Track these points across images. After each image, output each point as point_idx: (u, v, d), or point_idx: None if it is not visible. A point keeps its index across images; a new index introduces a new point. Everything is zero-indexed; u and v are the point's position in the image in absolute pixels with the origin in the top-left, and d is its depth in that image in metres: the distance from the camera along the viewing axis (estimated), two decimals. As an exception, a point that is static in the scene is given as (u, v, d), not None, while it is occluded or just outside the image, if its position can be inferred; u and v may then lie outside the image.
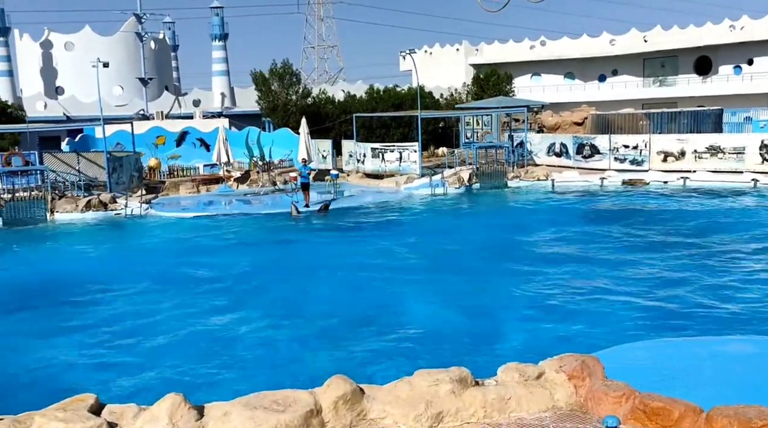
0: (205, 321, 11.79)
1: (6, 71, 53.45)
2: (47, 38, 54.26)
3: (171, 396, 5.35)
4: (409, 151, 29.78)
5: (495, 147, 30.29)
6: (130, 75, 52.99)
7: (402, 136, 38.02)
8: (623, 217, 20.51)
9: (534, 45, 60.49)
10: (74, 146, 32.84)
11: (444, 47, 63.29)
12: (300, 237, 20.19)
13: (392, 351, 10.05)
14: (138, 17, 51.41)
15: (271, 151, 35.09)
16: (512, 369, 6.14)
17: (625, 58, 56.16)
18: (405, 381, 5.84)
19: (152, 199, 26.07)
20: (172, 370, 9.61)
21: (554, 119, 38.51)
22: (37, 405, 5.43)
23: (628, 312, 11.33)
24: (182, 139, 34.97)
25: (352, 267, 15.40)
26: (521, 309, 11.88)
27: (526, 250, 16.66)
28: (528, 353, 8.58)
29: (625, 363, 6.48)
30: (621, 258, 15.26)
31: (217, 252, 17.75)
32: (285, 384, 6.05)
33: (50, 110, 46.45)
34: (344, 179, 30.24)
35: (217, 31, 58.13)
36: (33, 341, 11.09)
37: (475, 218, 22.75)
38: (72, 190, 25.41)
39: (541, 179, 27.82)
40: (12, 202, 23.23)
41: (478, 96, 44.88)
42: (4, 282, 15.50)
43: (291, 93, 40.12)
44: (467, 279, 14.05)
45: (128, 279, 15.02)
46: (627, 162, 28.91)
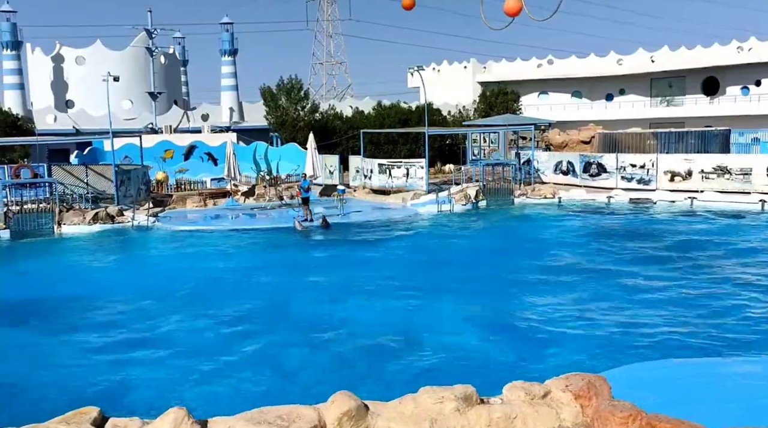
0: (208, 335, 11.77)
1: (17, 84, 53.90)
2: (59, 52, 54.75)
3: (174, 411, 5.33)
4: (416, 168, 29.83)
5: (502, 164, 30.28)
6: (139, 89, 53.36)
7: (409, 152, 38.11)
8: (630, 237, 20.43)
9: (542, 63, 60.68)
10: (83, 159, 33.02)
11: (452, 64, 63.56)
12: (303, 252, 20.19)
13: (397, 368, 9.99)
14: (149, 32, 51.83)
15: (279, 166, 35.20)
16: (518, 387, 6.10)
17: (632, 78, 56.25)
18: (410, 398, 5.80)
19: (159, 212, 26.15)
20: (175, 384, 9.58)
21: (561, 137, 38.53)
22: (40, 418, 5.42)
23: (635, 332, 11.24)
24: (190, 153, 35.13)
25: (354, 283, 15.37)
26: (525, 327, 11.82)
27: (532, 268, 16.59)
28: (533, 372, 8.53)
29: (632, 383, 6.43)
30: (628, 277, 15.18)
31: (222, 266, 17.76)
32: (289, 399, 6.02)
33: (60, 123, 46.76)
34: (351, 195, 30.28)
35: (227, 46, 58.55)
36: (37, 353, 11.09)
37: (481, 235, 22.71)
38: (80, 203, 25.51)
39: (548, 197, 27.79)
40: (20, 214, 23.33)
41: (486, 113, 44.99)
42: (10, 293, 15.54)
43: (299, 108, 40.30)
44: (472, 297, 14.00)
45: (132, 293, 15.04)
46: (634, 181, 28.85)
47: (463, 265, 17.39)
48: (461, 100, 53.45)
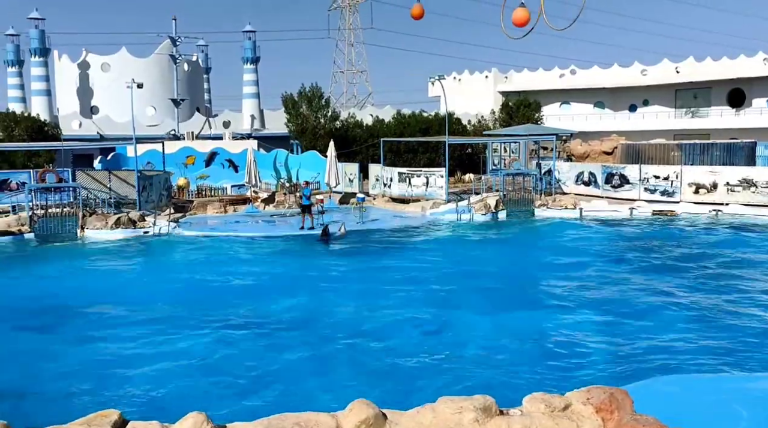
0: (228, 340, 11.81)
1: (44, 90, 54.81)
2: (85, 59, 55.58)
3: (194, 415, 5.34)
4: (436, 177, 29.78)
5: (522, 174, 30.13)
6: (163, 96, 53.97)
7: (429, 161, 38.08)
8: (654, 249, 20.20)
9: (564, 73, 60.44)
10: (106, 164, 33.43)
11: (473, 74, 63.54)
12: (323, 259, 20.21)
13: (415, 377, 9.95)
14: (173, 40, 52.45)
15: (299, 173, 35.35)
16: (538, 399, 6.03)
17: (656, 89, 55.82)
18: (428, 408, 5.76)
19: (180, 218, 26.34)
20: (195, 388, 9.61)
21: (583, 148, 38.29)
22: (62, 419, 5.45)
23: (659, 346, 11.09)
24: (211, 160, 35.41)
25: (372, 290, 15.36)
26: (545, 338, 11.71)
27: (553, 280, 16.47)
28: (554, 383, 8.45)
29: (655, 397, 6.34)
30: (651, 290, 15.01)
31: (241, 272, 17.84)
32: (307, 405, 6.01)
33: (85, 129, 47.40)
34: (370, 203, 30.30)
35: (249, 54, 59.07)
36: (58, 355, 11.19)
37: (501, 246, 22.59)
38: (102, 208, 25.79)
39: (569, 208, 27.57)
40: (45, 218, 23.64)
41: (506, 123, 44.87)
42: (33, 295, 15.72)
43: (319, 116, 40.47)
44: (492, 307, 13.90)
45: (152, 297, 15.15)
46: (657, 193, 28.56)
47: (483, 275, 17.30)
48: (482, 110, 53.38)
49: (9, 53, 55.52)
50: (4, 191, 26.93)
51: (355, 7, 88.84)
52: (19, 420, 5.75)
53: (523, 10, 11.61)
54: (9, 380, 10.08)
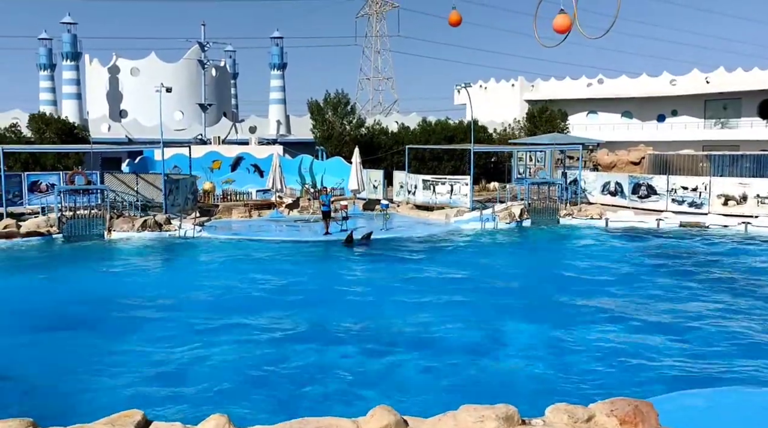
0: (249, 344, 11.86)
1: (75, 94, 55.75)
2: (115, 63, 56.44)
3: (216, 417, 5.37)
4: (461, 184, 29.70)
5: (548, 183, 29.92)
6: (190, 100, 54.58)
7: (453, 169, 38.00)
8: (681, 261, 19.92)
9: (591, 82, 60.00)
10: (134, 167, 33.84)
11: (499, 82, 63.35)
12: (347, 265, 20.25)
13: (437, 383, 9.90)
14: (201, 45, 53.08)
15: (323, 179, 35.49)
16: (561, 410, 5.97)
17: (685, 99, 55.16)
18: (450, 416, 5.73)
19: (205, 222, 26.57)
20: (219, 390, 9.66)
21: (610, 158, 37.95)
22: (86, 418, 5.51)
23: (684, 359, 10.92)
24: (237, 164, 35.69)
25: (395, 296, 15.35)
26: (569, 348, 11.60)
27: (578, 290, 16.30)
28: (577, 394, 8.35)
29: (680, 410, 6.24)
30: (678, 302, 14.81)
31: (263, 275, 17.93)
32: (330, 410, 6.01)
33: (113, 132, 48.11)
34: (394, 210, 30.30)
35: (276, 60, 59.53)
36: (85, 354, 11.32)
37: (525, 255, 22.45)
38: (129, 210, 26.10)
39: (595, 218, 27.31)
40: (73, 220, 23.99)
41: (532, 132, 44.65)
42: (62, 296, 15.95)
43: (345, 122, 40.61)
44: (515, 316, 13.81)
45: (177, 298, 15.28)
46: (685, 204, 28.18)
47: (506, 283, 17.21)
48: (507, 118, 53.17)
49: (42, 57, 56.60)
50: (34, 192, 27.37)
51: (383, 14, 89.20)
52: (45, 419, 5.82)
53: (564, 17, 11.54)
54: (36, 378, 10.22)
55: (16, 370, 10.58)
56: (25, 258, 20.63)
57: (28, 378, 10.20)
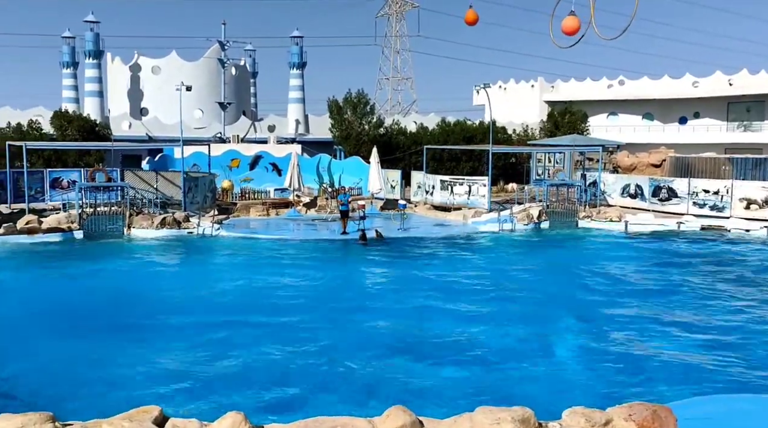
0: (266, 342, 11.90)
1: (97, 92, 56.33)
2: (136, 62, 56.92)
3: (232, 415, 5.40)
4: (479, 185, 29.60)
5: (567, 185, 29.72)
6: (210, 99, 54.90)
7: (472, 169, 37.90)
8: (704, 265, 19.67)
9: (612, 84, 59.54)
10: (154, 165, 34.12)
11: (519, 83, 63.07)
12: (363, 264, 20.24)
13: (453, 385, 9.88)
14: (222, 44, 53.36)
15: (341, 179, 35.54)
16: (578, 413, 5.93)
17: (708, 101, 54.58)
18: (466, 418, 5.71)
19: (223, 220, 26.72)
20: (236, 388, 9.70)
21: (630, 160, 37.64)
22: (104, 413, 5.56)
23: (704, 364, 10.80)
24: (255, 163, 35.86)
25: (411, 297, 15.33)
26: (586, 351, 11.51)
27: (595, 292, 16.20)
28: (594, 398, 8.28)
29: (699, 416, 6.17)
30: (699, 307, 14.63)
31: (280, 273, 18.01)
32: (345, 410, 6.02)
33: (134, 130, 48.52)
34: (412, 210, 30.27)
35: (296, 59, 59.70)
36: (103, 350, 11.42)
37: (544, 257, 22.29)
38: (149, 207, 26.31)
39: (614, 220, 27.08)
40: (93, 216, 24.23)
41: (551, 133, 44.41)
42: (81, 292, 16.12)
43: (364, 122, 40.63)
44: (533, 319, 13.73)
45: (197, 297, 15.38)
46: (707, 207, 27.86)
47: (525, 285, 17.11)
48: (527, 119, 52.91)
49: (65, 55, 57.26)
50: (56, 189, 27.72)
51: (403, 14, 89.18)
52: (64, 413, 5.88)
53: (573, 19, 11.51)
54: (55, 373, 10.33)
55: (35, 365, 10.70)
56: (46, 254, 20.87)
57: (47, 374, 10.31)
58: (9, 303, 14.88)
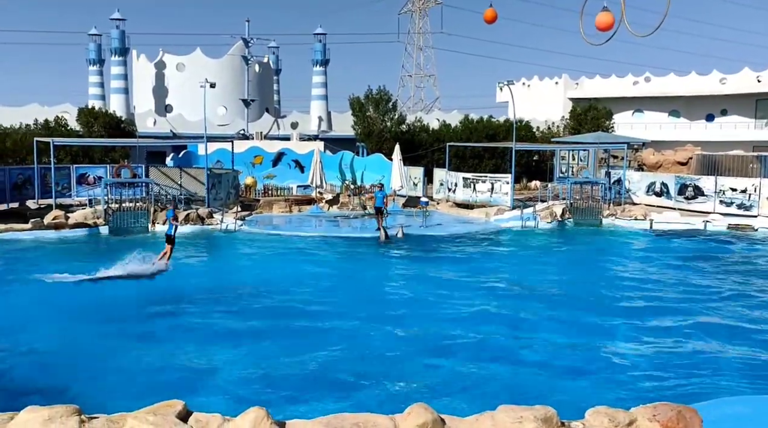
0: (286, 337, 11.97)
1: (122, 89, 57.01)
2: (161, 59, 57.46)
3: (255, 410, 5.42)
4: (501, 183, 29.45)
5: (591, 183, 29.47)
6: (233, 96, 55.26)
7: (494, 167, 37.72)
8: (731, 265, 19.39)
9: (638, 81, 58.90)
10: (178, 162, 34.41)
11: (543, 80, 62.65)
12: (386, 262, 20.26)
13: (475, 382, 9.85)
14: (245, 41, 53.65)
15: (363, 176, 35.57)
16: (602, 413, 5.87)
17: (736, 98, 53.75)
18: (488, 416, 5.69)
19: (246, 216, 26.88)
20: (259, 383, 9.76)
21: (655, 157, 37.21)
22: (129, 407, 5.62)
23: (731, 365, 10.64)
24: (278, 160, 36.02)
25: (434, 294, 15.30)
26: (612, 351, 11.41)
27: (620, 292, 16.03)
28: (618, 398, 8.21)
29: (725, 417, 6.08)
30: (725, 308, 14.42)
31: (303, 269, 18.07)
32: (366, 406, 6.02)
33: (159, 126, 48.99)
34: (434, 207, 30.21)
35: (319, 56, 59.88)
36: (128, 344, 11.56)
37: (567, 255, 22.14)
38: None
39: (639, 218, 26.79)
40: (119, 212, 24.51)
41: (575, 130, 44.04)
42: (106, 287, 16.31)
43: (386, 119, 40.60)
44: (557, 317, 13.64)
45: (221, 293, 15.49)
46: (734, 206, 27.45)
47: (549, 283, 16.99)
48: (551, 116, 52.52)
49: (91, 52, 58.02)
50: (82, 185, 28.08)
51: (426, 11, 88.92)
52: (89, 407, 5.95)
53: (606, 14, 11.38)
54: (80, 367, 10.46)
55: (62, 359, 10.85)
56: (73, 249, 21.16)
57: (73, 367, 10.44)
58: (33, 295, 15.10)
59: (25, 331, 12.22)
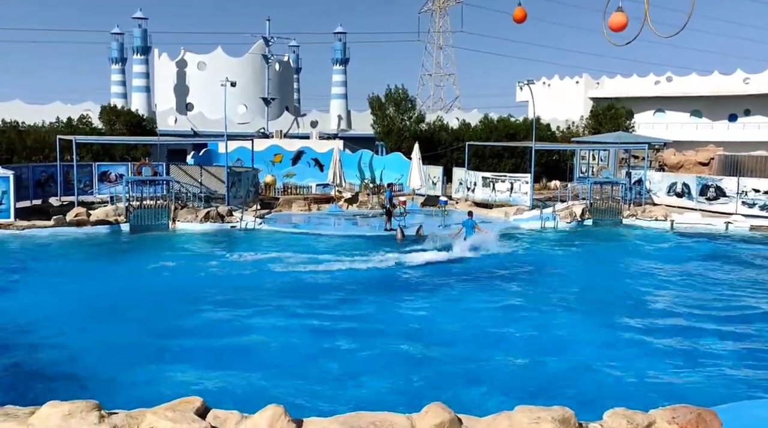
0: (310, 334, 12.02)
1: (144, 87, 57.52)
2: (183, 58, 57.87)
3: (272, 408, 5.46)
4: (521, 182, 29.31)
5: (611, 183, 29.24)
6: (254, 94, 55.51)
7: (514, 166, 37.57)
8: (751, 267, 19.16)
9: (659, 80, 58.35)
10: (198, 160, 34.65)
11: (563, 79, 62.28)
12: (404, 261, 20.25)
13: (493, 382, 9.82)
14: (266, 40, 53.89)
15: (383, 175, 35.57)
16: (620, 415, 5.84)
17: (760, 98, 53.07)
18: (505, 416, 5.68)
19: (266, 214, 27.00)
20: (276, 380, 9.81)
21: (677, 158, 36.84)
22: (148, 403, 5.68)
23: (752, 367, 10.52)
24: (298, 158, 36.16)
25: (450, 294, 15.29)
26: (637, 352, 11.32)
27: (637, 293, 15.92)
28: (637, 399, 8.15)
29: (745, 420, 6.02)
30: (746, 311, 14.26)
31: (323, 269, 18.13)
32: (383, 405, 6.03)
33: (179, 125, 49.38)
34: (453, 207, 30.13)
35: (339, 55, 59.99)
36: (150, 343, 11.67)
37: (587, 256, 21.98)
38: (193, 201, 26.73)
39: (660, 219, 26.53)
40: (140, 209, 24.74)
41: (596, 130, 43.72)
42: (128, 284, 16.49)
43: (405, 118, 40.57)
44: (577, 318, 13.57)
45: (240, 290, 15.59)
46: (756, 207, 27.09)
47: (569, 284, 16.90)
48: (571, 116, 52.19)
49: (113, 51, 58.62)
50: (104, 182, 28.40)
51: (446, 10, 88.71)
52: (109, 403, 6.02)
53: (620, 14, 11.30)
54: (101, 364, 10.58)
55: (83, 356, 10.97)
56: (96, 246, 21.40)
57: (94, 364, 10.56)
58: (59, 291, 15.30)
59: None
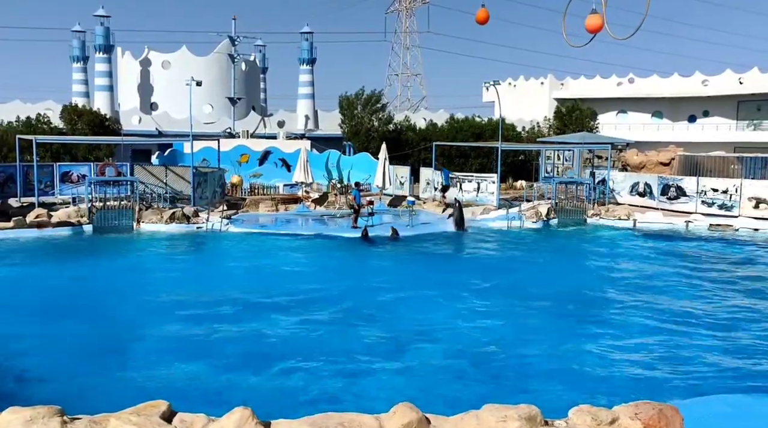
0: (278, 334, 11.96)
1: (107, 86, 56.44)
2: (146, 56, 57.01)
3: (240, 410, 5.43)
4: (488, 182, 29.57)
5: (576, 183, 29.67)
6: (220, 94, 54.95)
7: (480, 166, 37.87)
8: (710, 263, 19.63)
9: (621, 82, 59.29)
10: (163, 160, 34.23)
11: (528, 80, 62.90)
12: (370, 260, 20.27)
13: (461, 383, 9.89)
14: (232, 39, 53.37)
15: (350, 175, 35.55)
16: (584, 411, 5.93)
17: (717, 100, 54.26)
18: (472, 415, 5.73)
19: (232, 215, 26.78)
20: (244, 381, 9.75)
21: (639, 158, 37.50)
22: (112, 407, 5.59)
23: (711, 364, 10.77)
24: (265, 159, 35.94)
25: (419, 295, 15.35)
26: (598, 349, 11.50)
27: (601, 291, 16.17)
28: (600, 396, 8.28)
29: (706, 415, 6.16)
30: (706, 307, 14.58)
31: (288, 268, 18.06)
32: (351, 406, 6.04)
33: (144, 124, 48.66)
34: (420, 207, 30.25)
35: (306, 55, 59.64)
36: (112, 344, 11.50)
37: (551, 255, 22.26)
38: (158, 202, 26.40)
39: (623, 218, 27.01)
40: (103, 211, 24.34)
41: (561, 130, 44.30)
42: (91, 285, 16.22)
43: (374, 118, 40.61)
44: (541, 317, 13.74)
45: (205, 291, 15.44)
46: (715, 206, 27.74)
47: (532, 282, 17.08)
48: (536, 116, 52.75)
49: (75, 49, 57.38)
50: (66, 183, 27.87)
51: (412, 10, 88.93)
52: (71, 408, 5.92)
53: (596, 17, 11.47)
54: (62, 367, 10.40)
55: (41, 360, 10.77)
56: (56, 248, 20.99)
57: (54, 368, 10.37)
58: (18, 295, 14.98)
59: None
